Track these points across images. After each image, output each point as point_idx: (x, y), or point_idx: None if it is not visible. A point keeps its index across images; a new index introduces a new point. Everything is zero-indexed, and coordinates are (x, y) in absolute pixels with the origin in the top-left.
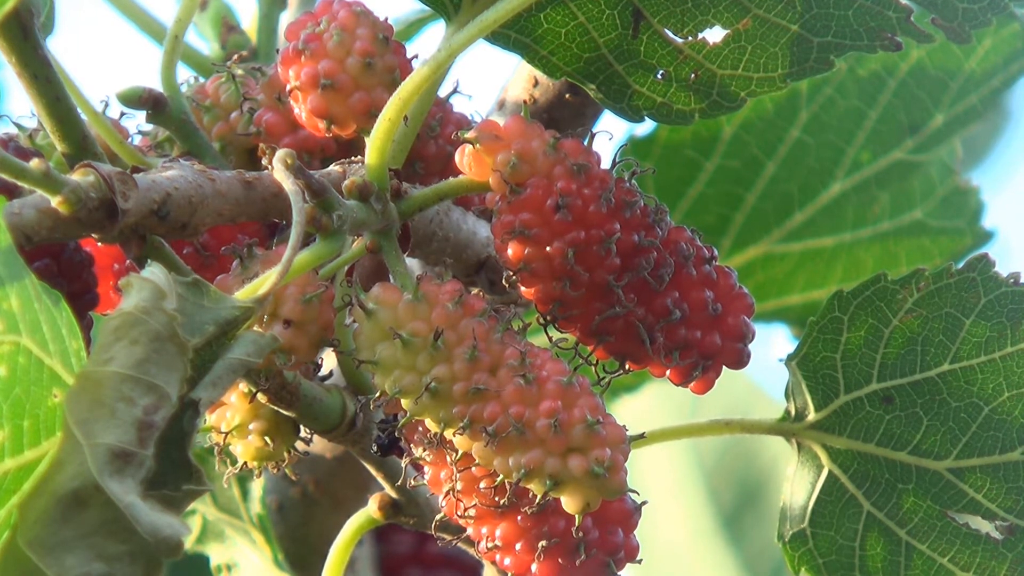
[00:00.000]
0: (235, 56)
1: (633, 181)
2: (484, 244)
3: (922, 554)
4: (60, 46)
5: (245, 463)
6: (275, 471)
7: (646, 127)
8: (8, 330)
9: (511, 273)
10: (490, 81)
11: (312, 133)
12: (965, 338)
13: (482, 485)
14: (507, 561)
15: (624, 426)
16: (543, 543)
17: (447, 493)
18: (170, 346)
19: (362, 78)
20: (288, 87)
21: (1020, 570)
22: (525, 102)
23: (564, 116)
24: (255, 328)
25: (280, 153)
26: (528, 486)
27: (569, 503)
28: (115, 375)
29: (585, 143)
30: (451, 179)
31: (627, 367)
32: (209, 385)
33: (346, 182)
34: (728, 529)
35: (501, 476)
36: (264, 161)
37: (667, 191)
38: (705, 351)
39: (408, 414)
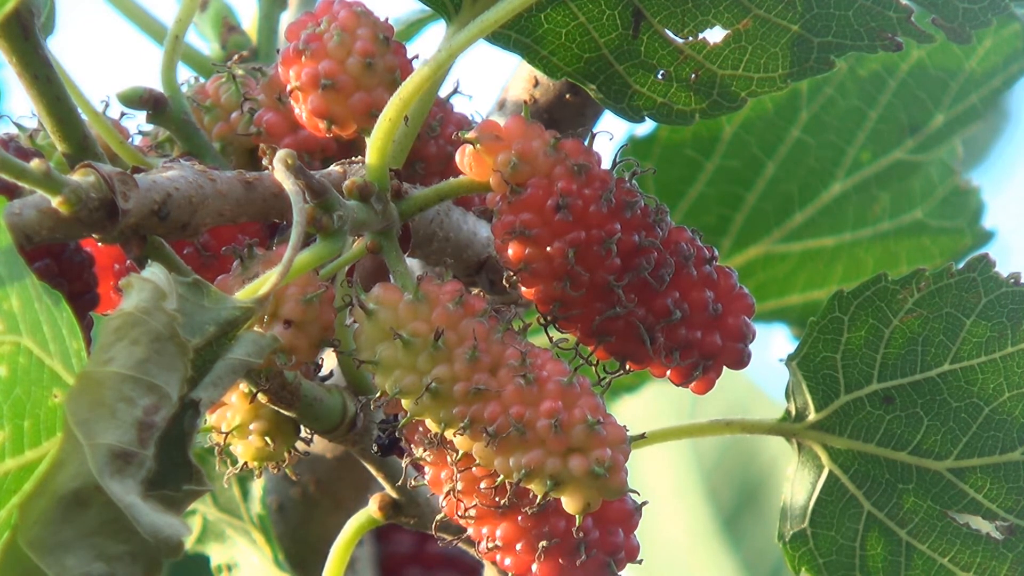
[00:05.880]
0: (235, 56)
1: (633, 181)
2: (484, 244)
3: (922, 554)
4: (60, 46)
5: (245, 463)
6: (275, 471)
7: (646, 127)
8: (9, 330)
9: (511, 273)
10: (490, 81)
11: (312, 133)
12: (965, 338)
13: (482, 485)
14: (507, 561)
15: (624, 426)
16: (544, 543)
17: (447, 493)
18: (170, 346)
19: (363, 78)
20: (288, 87)
21: (1020, 570)
22: (525, 102)
23: (564, 116)
24: (255, 328)
25: (281, 153)
26: (528, 486)
27: (570, 503)
28: (115, 375)
29: (585, 143)
30: (451, 179)
31: (627, 367)
32: (209, 385)
33: (346, 182)
34: (728, 529)
35: (502, 476)
36: (264, 161)
37: (667, 191)
38: (705, 351)
39: (408, 414)
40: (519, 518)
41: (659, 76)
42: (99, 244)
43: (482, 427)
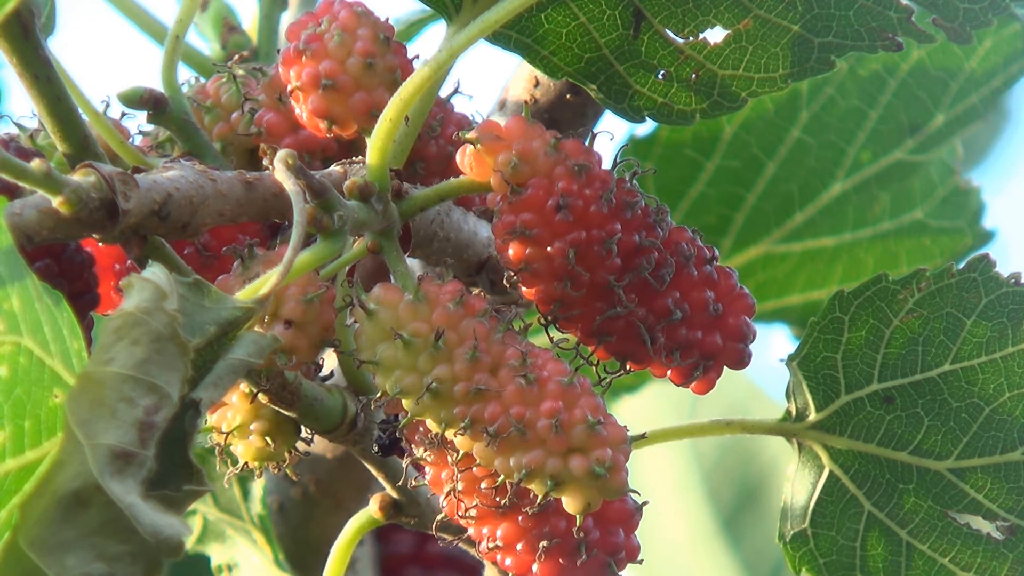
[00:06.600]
0: (236, 56)
1: (634, 181)
2: (485, 244)
3: (923, 554)
4: (60, 46)
5: (246, 463)
6: (276, 471)
7: (647, 127)
8: (9, 330)
9: (512, 273)
10: (491, 81)
11: (313, 133)
12: (966, 338)
13: (483, 485)
14: (508, 561)
15: (625, 426)
16: (544, 543)
17: (448, 493)
18: (171, 346)
19: (363, 78)
20: (289, 87)
21: (1021, 570)
22: (526, 102)
23: (565, 116)
24: (256, 328)
25: (281, 153)
26: (529, 486)
27: (570, 503)
28: (116, 375)
29: (586, 143)
30: (452, 179)
31: (628, 367)
32: (210, 385)
33: (347, 182)
34: (728, 529)
35: (502, 476)
36: (265, 161)
37: (668, 191)
38: (706, 351)
39: (409, 414)
40: (519, 518)
41: (660, 76)
42: (99, 244)
43: (483, 427)
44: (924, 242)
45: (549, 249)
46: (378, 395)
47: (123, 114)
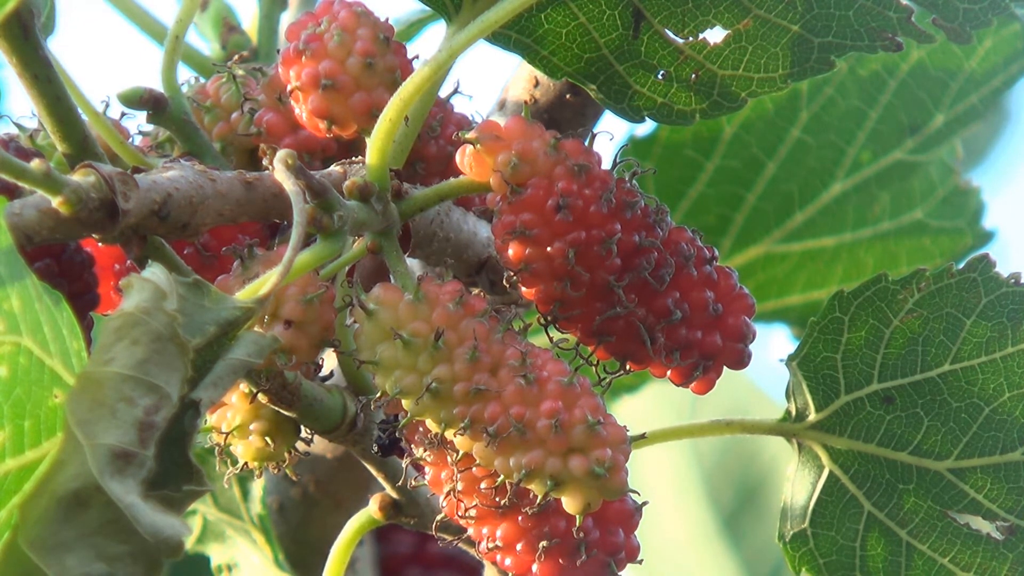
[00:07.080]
0: (236, 56)
1: (634, 181)
2: (485, 244)
3: (923, 554)
4: (60, 46)
5: (246, 463)
6: (276, 471)
7: (647, 127)
8: (9, 330)
9: (512, 273)
10: (491, 81)
11: (313, 133)
12: (966, 338)
13: (483, 485)
14: (508, 561)
15: (625, 426)
16: (544, 543)
17: (448, 493)
18: (171, 346)
19: (363, 78)
20: (289, 87)
21: (1020, 570)
22: (526, 102)
23: (565, 116)
24: (256, 328)
25: (281, 153)
26: (529, 486)
27: (570, 503)
28: (116, 375)
29: (586, 143)
30: (452, 179)
31: (628, 367)
32: (210, 385)
33: (347, 182)
34: (727, 529)
35: (502, 476)
36: (265, 161)
37: (667, 191)
38: (706, 351)
39: (409, 414)
40: (519, 518)
41: (659, 76)
42: (99, 244)
43: (482, 427)
44: (924, 242)
45: (549, 249)
46: (378, 395)
47: (123, 114)
